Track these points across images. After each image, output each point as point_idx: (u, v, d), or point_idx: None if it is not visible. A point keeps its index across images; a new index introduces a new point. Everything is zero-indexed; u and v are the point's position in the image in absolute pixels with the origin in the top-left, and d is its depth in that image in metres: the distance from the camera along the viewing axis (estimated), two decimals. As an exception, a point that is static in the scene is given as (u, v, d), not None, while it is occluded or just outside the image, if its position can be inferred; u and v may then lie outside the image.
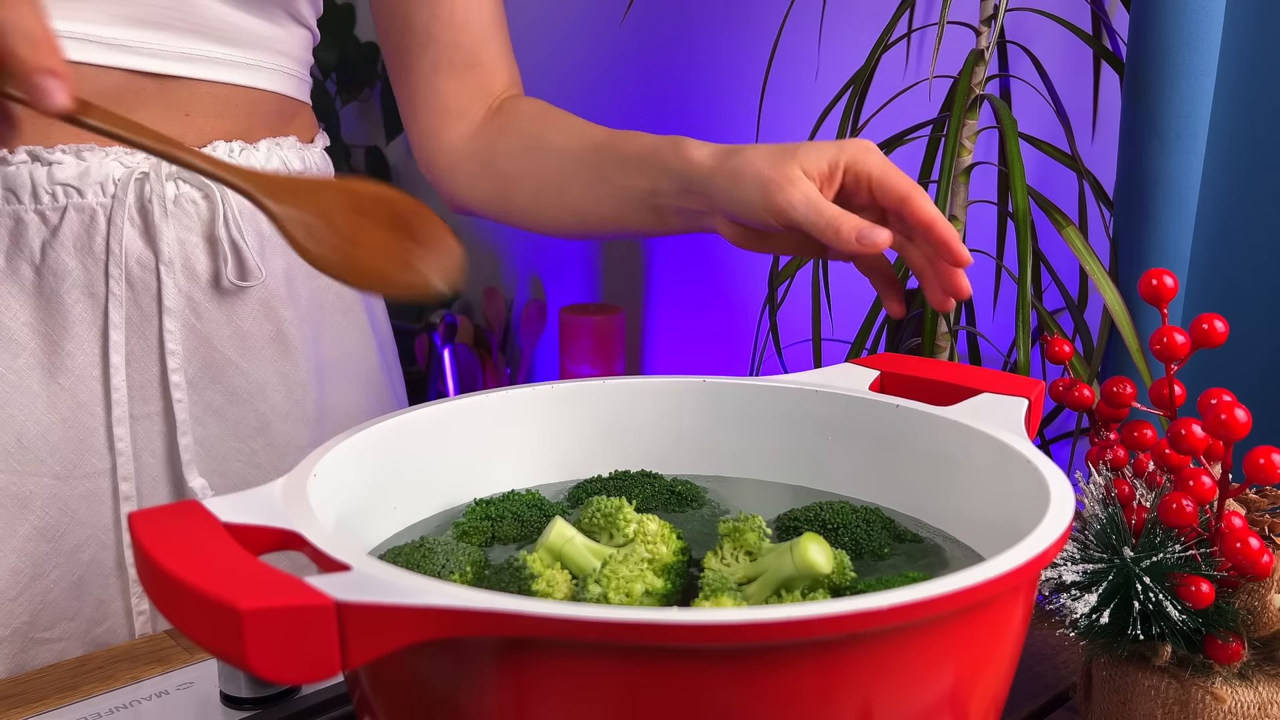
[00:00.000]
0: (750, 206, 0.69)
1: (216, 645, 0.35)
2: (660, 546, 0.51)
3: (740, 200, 0.69)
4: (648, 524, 0.52)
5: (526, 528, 0.56)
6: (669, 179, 0.75)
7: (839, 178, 0.68)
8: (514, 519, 0.56)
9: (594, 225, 0.83)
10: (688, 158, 0.73)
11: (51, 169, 0.73)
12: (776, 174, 0.67)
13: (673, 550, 0.51)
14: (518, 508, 0.57)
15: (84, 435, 0.75)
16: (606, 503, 0.53)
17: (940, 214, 0.65)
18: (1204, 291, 1.14)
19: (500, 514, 0.57)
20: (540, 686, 0.38)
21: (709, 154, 0.72)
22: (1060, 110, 1.31)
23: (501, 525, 0.56)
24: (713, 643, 0.36)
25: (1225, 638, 0.51)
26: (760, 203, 0.68)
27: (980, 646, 0.42)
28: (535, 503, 0.58)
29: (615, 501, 0.53)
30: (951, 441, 0.56)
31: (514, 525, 0.56)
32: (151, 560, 0.37)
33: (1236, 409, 0.48)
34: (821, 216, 0.66)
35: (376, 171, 2.62)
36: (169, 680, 0.63)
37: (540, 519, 0.57)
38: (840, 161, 0.68)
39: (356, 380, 0.89)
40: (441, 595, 0.36)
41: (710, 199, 0.72)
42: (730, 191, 0.70)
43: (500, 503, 0.57)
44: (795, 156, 0.68)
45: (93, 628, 0.77)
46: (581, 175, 0.81)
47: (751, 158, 0.69)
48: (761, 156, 0.69)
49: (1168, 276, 0.56)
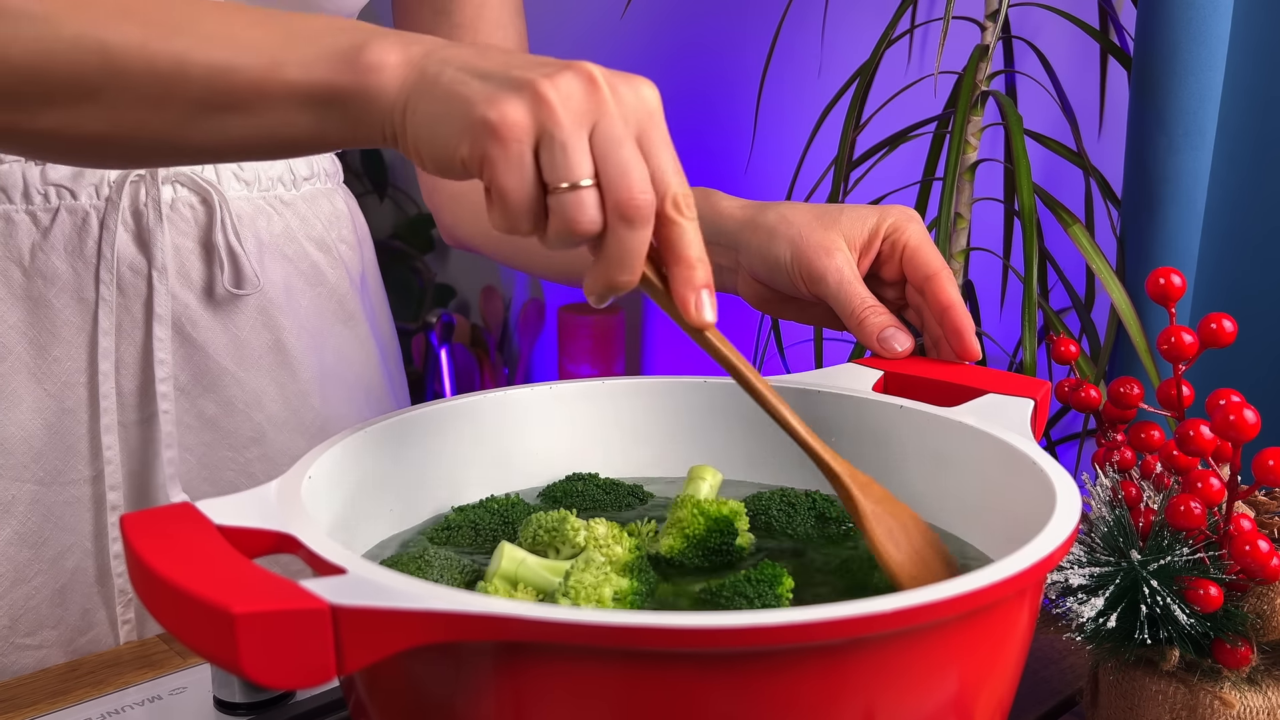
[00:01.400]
0: (779, 266, 0.67)
1: (210, 650, 0.35)
2: (615, 548, 0.51)
3: (772, 258, 0.67)
4: (596, 528, 0.52)
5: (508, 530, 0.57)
6: None
7: (877, 245, 0.67)
8: (498, 519, 0.57)
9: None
10: (718, 208, 0.71)
11: (45, 169, 0.72)
12: (815, 237, 0.66)
13: (628, 549, 0.51)
14: (492, 512, 0.57)
15: (69, 442, 0.74)
16: (546, 518, 0.53)
17: (960, 301, 0.65)
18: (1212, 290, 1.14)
19: (475, 520, 0.57)
20: (538, 692, 0.38)
21: (739, 206, 0.71)
22: (1066, 106, 1.31)
23: (480, 531, 0.57)
24: (712, 647, 0.36)
25: (1234, 642, 0.51)
26: (791, 264, 0.66)
27: (985, 651, 0.42)
28: (509, 506, 0.58)
29: (556, 514, 0.53)
30: (956, 443, 0.56)
31: (499, 529, 0.57)
32: (144, 563, 0.37)
33: (1245, 410, 0.48)
34: (850, 302, 0.65)
35: (373, 170, 2.62)
36: (161, 685, 0.63)
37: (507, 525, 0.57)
38: (881, 230, 0.67)
39: (358, 389, 0.88)
40: (438, 599, 0.36)
41: (737, 254, 0.70)
42: (762, 248, 0.68)
43: (475, 510, 0.57)
44: (838, 223, 0.67)
45: (76, 636, 0.76)
46: None
47: (789, 215, 0.68)
48: (801, 216, 0.67)
49: (1175, 275, 0.56)
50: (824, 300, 0.67)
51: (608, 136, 0.46)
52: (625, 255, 0.47)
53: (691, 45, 1.98)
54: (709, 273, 0.49)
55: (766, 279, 0.69)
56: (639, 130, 0.47)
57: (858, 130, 1.36)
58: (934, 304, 0.65)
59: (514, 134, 0.45)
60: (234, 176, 0.78)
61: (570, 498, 0.60)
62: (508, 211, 0.46)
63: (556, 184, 0.45)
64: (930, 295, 0.65)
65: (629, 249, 0.46)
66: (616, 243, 0.46)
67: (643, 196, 0.46)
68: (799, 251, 0.66)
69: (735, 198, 0.72)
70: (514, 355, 2.52)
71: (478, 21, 0.85)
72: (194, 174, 0.76)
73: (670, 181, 0.47)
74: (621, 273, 0.47)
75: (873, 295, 0.66)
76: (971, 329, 0.65)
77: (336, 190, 0.88)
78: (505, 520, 0.57)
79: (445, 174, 0.48)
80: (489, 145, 0.45)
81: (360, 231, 0.91)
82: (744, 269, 0.71)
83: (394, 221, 2.67)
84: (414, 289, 2.58)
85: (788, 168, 1.73)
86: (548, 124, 0.45)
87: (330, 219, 0.85)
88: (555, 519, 0.53)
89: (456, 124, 0.46)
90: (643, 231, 0.46)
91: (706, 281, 0.49)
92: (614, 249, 0.46)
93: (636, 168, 0.46)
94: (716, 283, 0.75)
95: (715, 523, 0.53)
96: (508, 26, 0.88)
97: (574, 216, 0.46)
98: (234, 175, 0.78)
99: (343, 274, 0.86)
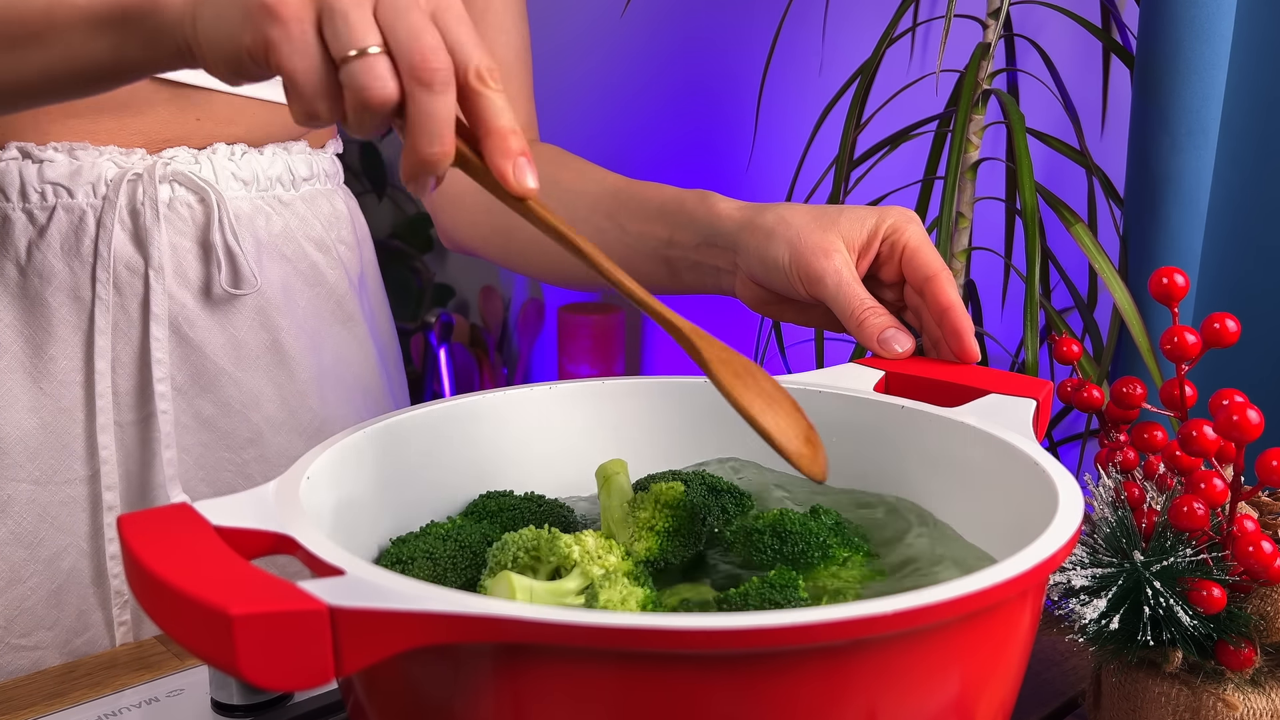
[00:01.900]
0: (777, 268, 0.67)
1: (207, 651, 0.35)
2: (610, 558, 0.50)
3: (770, 261, 0.67)
4: (585, 540, 0.50)
5: None
6: (691, 230, 0.73)
7: (876, 246, 0.67)
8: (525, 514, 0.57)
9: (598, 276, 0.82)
10: (715, 209, 0.71)
11: (42, 167, 0.72)
12: (813, 239, 0.66)
13: (620, 557, 0.50)
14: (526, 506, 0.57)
15: (65, 441, 0.74)
16: (521, 537, 0.51)
17: (960, 302, 0.65)
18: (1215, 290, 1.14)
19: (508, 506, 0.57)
20: (538, 694, 0.38)
21: (737, 208, 0.71)
22: (1069, 105, 1.31)
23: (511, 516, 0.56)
24: (713, 649, 0.36)
25: (1237, 643, 0.51)
26: (790, 265, 0.66)
27: (987, 653, 0.42)
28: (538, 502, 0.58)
29: (531, 532, 0.51)
30: (958, 443, 0.56)
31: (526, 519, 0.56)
32: (140, 564, 0.37)
33: (1249, 410, 0.48)
34: (849, 304, 0.65)
35: (371, 169, 2.62)
36: (159, 687, 0.63)
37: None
38: (880, 231, 0.67)
39: (356, 390, 0.88)
40: (437, 600, 0.36)
41: (735, 255, 0.70)
42: (759, 249, 0.68)
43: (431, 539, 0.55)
44: (836, 225, 0.66)
45: (72, 638, 0.76)
46: (592, 221, 0.79)
47: (788, 216, 0.68)
48: (799, 217, 0.67)
49: (1178, 275, 0.56)
50: (823, 302, 0.67)
51: (392, 5, 0.46)
52: (429, 122, 0.46)
53: (692, 43, 1.98)
54: (523, 142, 0.49)
55: (765, 281, 0.69)
56: (432, 8, 0.47)
57: (859, 129, 1.36)
58: (933, 305, 0.65)
59: (292, 12, 0.45)
60: (232, 176, 0.78)
61: (497, 514, 0.58)
62: (301, 95, 0.46)
63: (343, 53, 0.45)
64: (930, 297, 0.65)
65: (432, 115, 0.46)
66: (418, 110, 0.46)
67: (437, 58, 0.46)
68: (797, 253, 0.66)
69: (732, 200, 0.72)
70: (513, 355, 2.52)
71: (479, 24, 0.85)
72: (192, 173, 0.76)
73: (470, 54, 0.47)
74: (430, 143, 0.46)
75: (872, 296, 0.66)
76: (971, 331, 0.65)
77: (336, 191, 0.88)
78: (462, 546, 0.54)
79: (237, 74, 0.48)
80: (269, 29, 0.45)
81: (360, 232, 0.91)
82: (742, 271, 0.71)
83: (393, 221, 2.66)
84: (413, 289, 2.58)
85: (789, 167, 1.73)
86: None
87: (330, 219, 0.85)
88: (532, 537, 0.51)
89: (237, 15, 0.47)
90: (443, 97, 0.46)
91: (522, 149, 0.48)
92: (417, 117, 0.46)
93: (428, 32, 0.46)
94: (713, 284, 0.75)
95: (679, 509, 0.53)
96: (510, 30, 0.88)
97: (365, 83, 0.45)
98: (232, 175, 0.78)
99: (341, 275, 0.86)
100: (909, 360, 0.66)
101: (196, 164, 0.76)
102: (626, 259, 0.77)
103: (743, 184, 1.90)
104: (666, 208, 0.75)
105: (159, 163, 0.74)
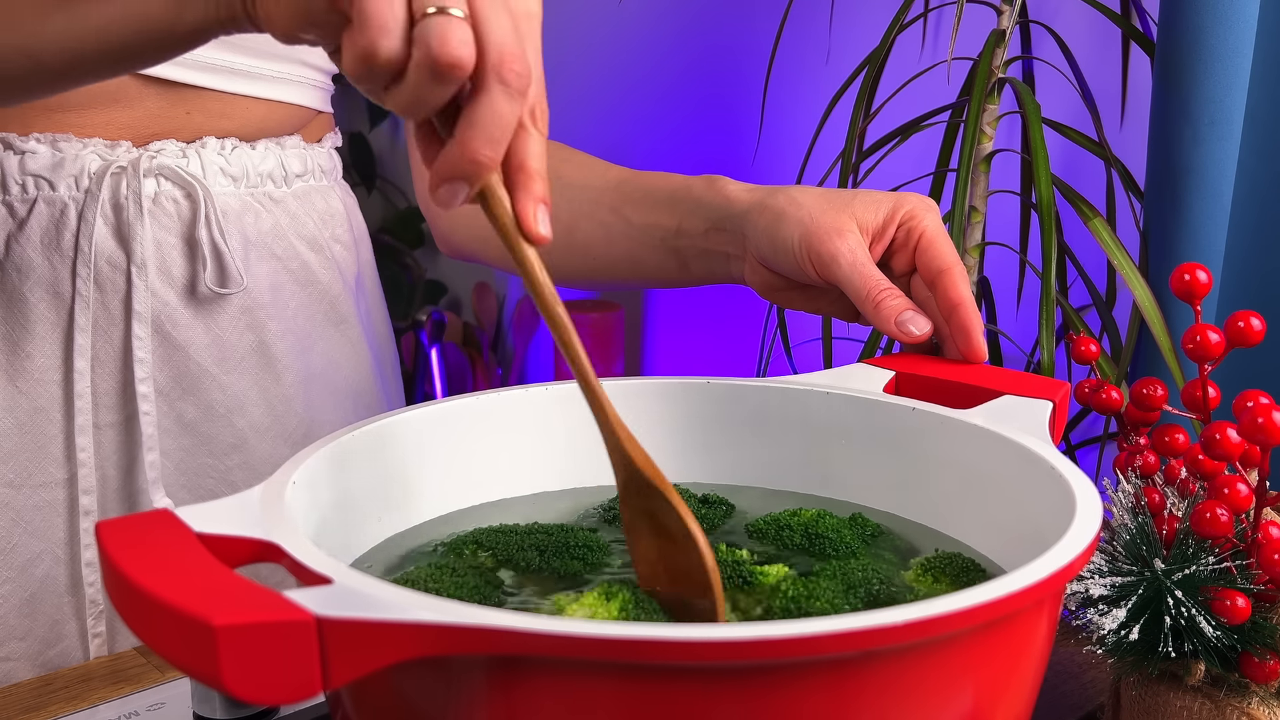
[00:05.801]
0: (789, 250, 0.67)
1: (189, 663, 0.35)
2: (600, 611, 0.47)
3: (780, 242, 0.67)
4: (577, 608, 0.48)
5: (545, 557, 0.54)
6: (699, 216, 0.73)
7: (891, 232, 0.67)
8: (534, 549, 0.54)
9: (604, 269, 0.82)
10: (724, 193, 0.72)
11: (24, 158, 0.72)
12: (825, 220, 0.66)
13: (615, 607, 0.48)
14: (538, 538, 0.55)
15: (41, 443, 0.74)
16: None
17: (971, 299, 0.65)
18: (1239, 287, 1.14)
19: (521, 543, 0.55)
20: (533, 708, 0.38)
21: (747, 190, 0.71)
22: (1086, 94, 1.30)
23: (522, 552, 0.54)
24: (716, 661, 0.36)
25: (1262, 655, 0.51)
26: (801, 247, 0.66)
27: (1002, 665, 0.42)
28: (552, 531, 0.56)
29: None
30: (971, 447, 0.56)
31: (534, 555, 0.54)
32: (119, 572, 0.37)
33: (1275, 412, 0.48)
34: (865, 285, 0.64)
35: (360, 158, 2.62)
36: (139, 700, 0.63)
37: None
38: (897, 216, 0.67)
39: (347, 395, 0.88)
40: (429, 610, 0.36)
41: (744, 239, 0.70)
42: (769, 231, 0.68)
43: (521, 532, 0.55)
44: (850, 207, 0.66)
45: (45, 649, 0.76)
46: (596, 214, 0.79)
47: (798, 197, 0.68)
48: (811, 198, 0.67)
49: (1201, 271, 0.55)
50: (835, 284, 0.66)
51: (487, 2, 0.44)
52: (496, 122, 0.44)
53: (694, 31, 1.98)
54: (548, 190, 0.48)
55: (774, 264, 0.69)
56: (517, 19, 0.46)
57: (868, 120, 1.36)
58: (943, 300, 0.65)
59: None
60: (220, 171, 0.78)
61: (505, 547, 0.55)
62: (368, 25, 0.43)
63: (426, 8, 0.43)
64: (940, 291, 0.65)
65: (501, 116, 0.44)
66: (490, 108, 0.44)
67: (524, 64, 0.44)
68: (808, 234, 0.66)
69: (742, 183, 0.72)
70: (508, 355, 2.52)
71: None
72: (179, 167, 0.76)
73: (539, 88, 0.47)
74: (486, 145, 0.45)
75: (886, 278, 0.65)
76: (980, 329, 0.64)
77: (333, 188, 0.88)
78: None
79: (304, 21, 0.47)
80: None
81: (357, 231, 0.91)
82: (751, 255, 0.71)
83: (383, 215, 2.67)
84: (403, 285, 2.58)
85: (795, 159, 1.73)
86: None
87: (324, 217, 0.85)
88: None
89: None
90: (518, 104, 0.45)
91: (546, 196, 0.48)
92: (485, 115, 0.44)
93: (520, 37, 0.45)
94: (723, 272, 0.75)
95: None
96: None
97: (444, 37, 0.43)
98: (220, 170, 0.78)
99: (335, 275, 0.86)
100: (920, 360, 0.66)
101: (184, 158, 0.76)
102: (634, 252, 0.77)
103: (748, 177, 1.89)
104: (674, 195, 0.75)
105: (144, 156, 0.74)
